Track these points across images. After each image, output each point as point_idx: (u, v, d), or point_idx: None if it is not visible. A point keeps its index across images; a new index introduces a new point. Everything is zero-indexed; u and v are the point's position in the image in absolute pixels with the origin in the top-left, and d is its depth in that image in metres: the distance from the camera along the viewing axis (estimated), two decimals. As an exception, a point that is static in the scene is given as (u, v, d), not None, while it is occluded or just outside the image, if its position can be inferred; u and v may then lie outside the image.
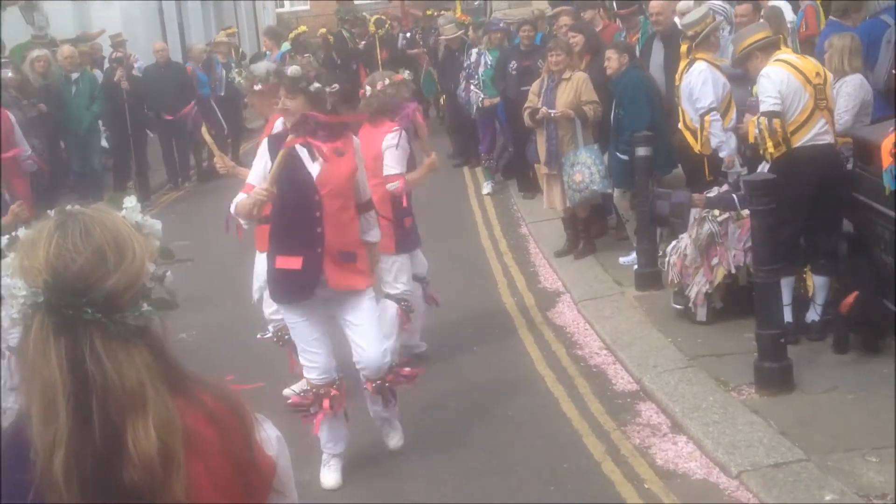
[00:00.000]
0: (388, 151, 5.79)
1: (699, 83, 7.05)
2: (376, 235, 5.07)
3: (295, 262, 4.63)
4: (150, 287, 1.48)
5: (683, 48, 7.26)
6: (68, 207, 1.50)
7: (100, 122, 12.55)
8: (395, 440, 5.25)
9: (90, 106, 12.06)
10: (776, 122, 5.79)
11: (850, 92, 6.45)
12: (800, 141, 5.85)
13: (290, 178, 4.54)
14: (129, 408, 1.38)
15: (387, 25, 15.89)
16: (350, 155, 4.72)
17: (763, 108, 5.89)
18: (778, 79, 5.87)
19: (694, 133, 7.16)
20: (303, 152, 4.61)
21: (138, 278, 1.45)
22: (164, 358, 1.47)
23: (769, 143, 5.82)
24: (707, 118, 6.97)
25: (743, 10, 8.30)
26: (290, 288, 4.72)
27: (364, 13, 19.16)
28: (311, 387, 4.87)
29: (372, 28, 15.53)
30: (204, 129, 7.00)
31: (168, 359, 1.49)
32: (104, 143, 13.04)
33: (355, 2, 20.49)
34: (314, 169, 4.62)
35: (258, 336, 6.27)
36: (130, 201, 1.55)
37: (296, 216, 4.64)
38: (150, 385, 1.41)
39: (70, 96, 11.96)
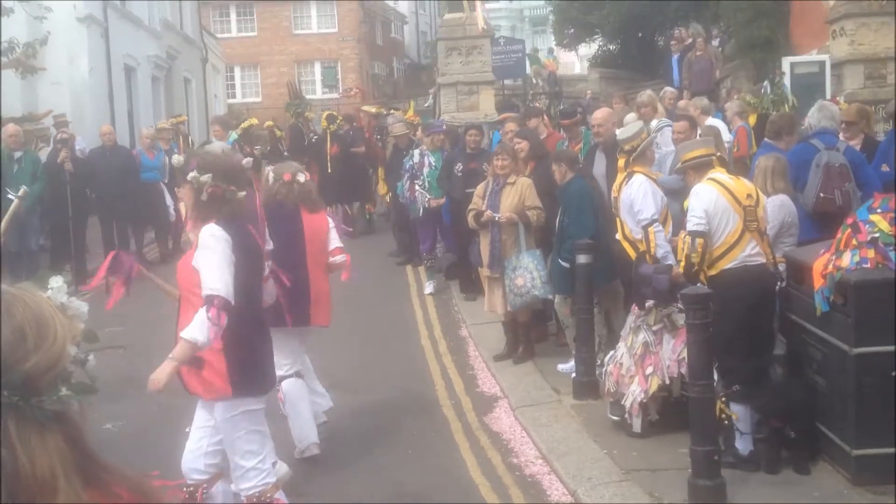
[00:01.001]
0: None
1: (640, 195, 7.18)
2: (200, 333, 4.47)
3: None
4: (71, 371, 1.43)
5: (621, 162, 7.44)
6: None
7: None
8: None
9: (31, 186, 11.89)
10: (699, 241, 5.88)
11: (770, 211, 6.51)
12: (730, 263, 5.90)
13: None
14: (39, 496, 1.32)
15: (338, 121, 16.12)
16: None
17: (688, 227, 5.99)
18: (706, 198, 5.94)
19: (633, 244, 7.26)
20: None
21: (59, 361, 1.40)
22: (80, 446, 1.41)
23: (695, 262, 5.90)
24: (651, 230, 7.08)
25: (680, 128, 8.62)
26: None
27: (314, 108, 19.41)
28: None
29: (324, 123, 15.73)
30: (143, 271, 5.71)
31: (84, 448, 1.42)
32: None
33: (307, 97, 20.73)
34: None
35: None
36: (56, 281, 1.51)
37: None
38: (62, 474, 1.35)
39: (11, 175, 11.79)
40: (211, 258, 4.49)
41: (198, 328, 4.35)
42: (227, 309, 4.38)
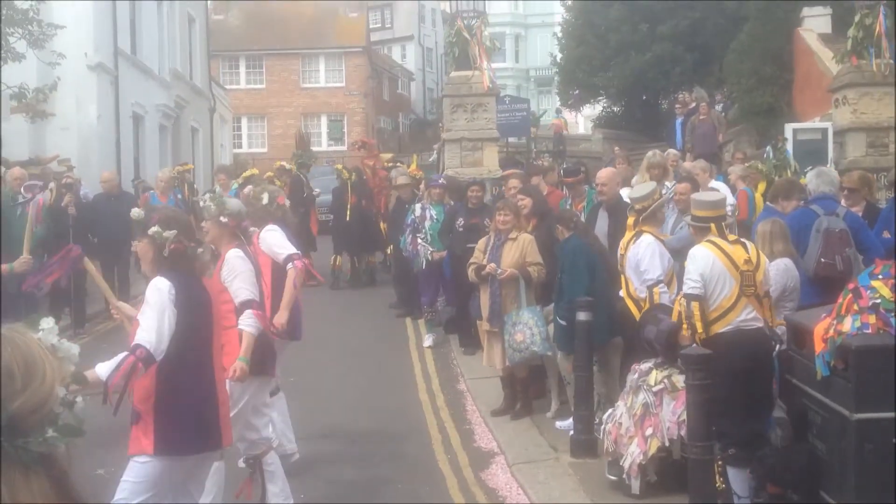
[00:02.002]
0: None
1: (647, 255, 7.20)
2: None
3: None
4: (59, 413, 1.41)
5: (630, 220, 7.46)
6: None
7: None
8: None
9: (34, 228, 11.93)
10: (694, 305, 5.89)
11: (773, 275, 6.51)
12: (724, 327, 5.89)
13: None
14: None
15: (348, 175, 16.37)
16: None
17: (684, 290, 6.00)
18: (702, 262, 5.95)
19: (637, 303, 7.26)
20: None
21: (46, 402, 1.38)
22: (65, 490, 1.39)
23: (689, 325, 5.88)
24: (656, 290, 7.09)
25: (682, 189, 8.63)
26: None
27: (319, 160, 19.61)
28: None
29: (346, 175, 15.95)
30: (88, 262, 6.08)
31: (69, 491, 1.40)
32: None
33: (313, 148, 20.95)
34: None
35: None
36: (47, 323, 1.50)
37: None
38: None
39: (14, 217, 11.82)
40: (150, 312, 4.46)
41: (108, 366, 4.30)
42: (147, 363, 4.32)
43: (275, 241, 6.74)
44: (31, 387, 1.37)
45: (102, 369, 4.31)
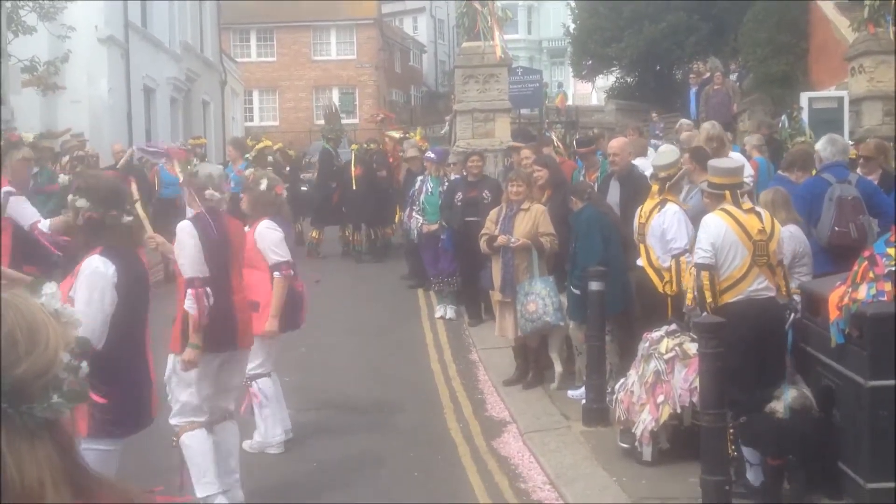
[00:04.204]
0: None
1: (675, 224, 7.15)
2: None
3: None
4: (63, 378, 1.40)
5: (655, 188, 7.38)
6: None
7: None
8: None
9: (46, 202, 11.95)
10: (704, 274, 5.84)
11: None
12: (735, 296, 5.84)
13: None
14: None
15: (366, 145, 16.32)
16: None
17: (695, 259, 5.95)
18: (714, 230, 5.88)
19: (658, 272, 7.21)
20: None
21: (50, 368, 1.36)
22: (70, 457, 1.37)
23: (702, 294, 5.84)
24: (683, 259, 7.04)
25: (685, 160, 8.50)
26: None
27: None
28: None
29: (354, 146, 15.93)
30: (133, 187, 6.26)
31: (75, 458, 1.38)
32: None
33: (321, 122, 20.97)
34: None
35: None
36: (50, 287, 1.49)
37: None
38: (50, 484, 1.31)
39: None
40: (84, 294, 4.32)
41: None
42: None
43: (272, 242, 6.63)
44: (35, 352, 1.35)
45: None
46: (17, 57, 16.07)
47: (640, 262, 7.42)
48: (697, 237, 6.01)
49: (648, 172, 8.19)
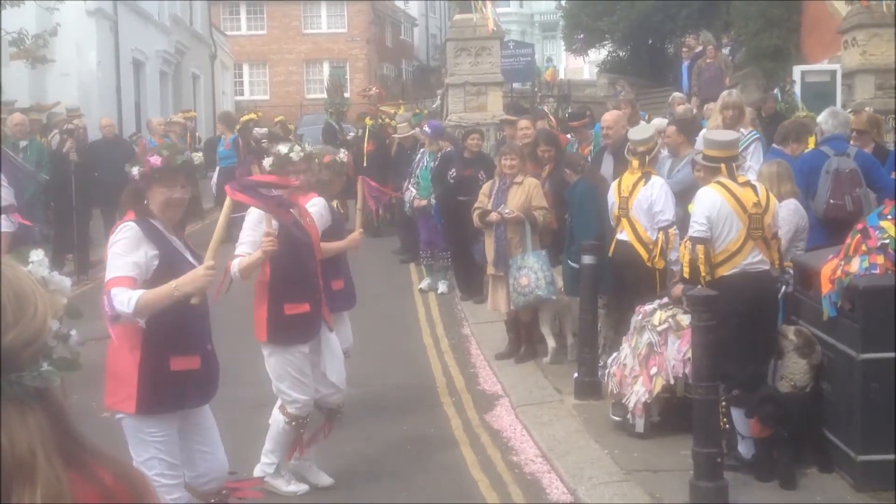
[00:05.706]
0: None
1: (662, 196, 7.12)
2: None
3: (303, 308, 5.43)
4: (53, 346, 1.38)
5: (635, 163, 7.33)
6: None
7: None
8: None
9: (35, 175, 11.88)
10: (699, 248, 5.82)
11: (784, 216, 6.45)
12: (729, 270, 5.82)
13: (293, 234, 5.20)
14: (17, 476, 1.27)
15: (380, 120, 16.17)
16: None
17: (690, 232, 5.93)
18: (709, 203, 5.84)
19: (646, 245, 7.18)
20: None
21: (39, 336, 1.34)
22: (62, 426, 1.36)
23: (695, 267, 5.83)
24: (672, 231, 7.02)
25: (670, 132, 8.45)
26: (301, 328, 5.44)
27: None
28: (291, 418, 5.54)
29: (368, 122, 15.66)
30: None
31: (67, 428, 1.37)
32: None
33: (314, 95, 20.83)
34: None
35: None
36: (37, 255, 1.46)
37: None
38: (41, 454, 1.30)
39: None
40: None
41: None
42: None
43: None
44: (23, 320, 1.33)
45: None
46: (6, 30, 15.90)
47: (623, 236, 7.35)
48: (693, 211, 5.98)
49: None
